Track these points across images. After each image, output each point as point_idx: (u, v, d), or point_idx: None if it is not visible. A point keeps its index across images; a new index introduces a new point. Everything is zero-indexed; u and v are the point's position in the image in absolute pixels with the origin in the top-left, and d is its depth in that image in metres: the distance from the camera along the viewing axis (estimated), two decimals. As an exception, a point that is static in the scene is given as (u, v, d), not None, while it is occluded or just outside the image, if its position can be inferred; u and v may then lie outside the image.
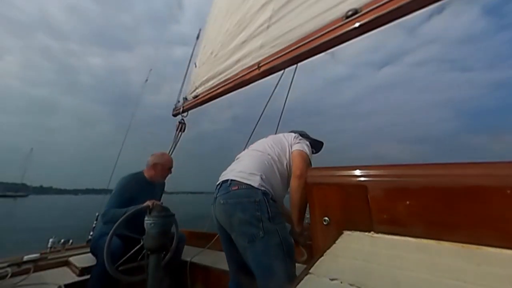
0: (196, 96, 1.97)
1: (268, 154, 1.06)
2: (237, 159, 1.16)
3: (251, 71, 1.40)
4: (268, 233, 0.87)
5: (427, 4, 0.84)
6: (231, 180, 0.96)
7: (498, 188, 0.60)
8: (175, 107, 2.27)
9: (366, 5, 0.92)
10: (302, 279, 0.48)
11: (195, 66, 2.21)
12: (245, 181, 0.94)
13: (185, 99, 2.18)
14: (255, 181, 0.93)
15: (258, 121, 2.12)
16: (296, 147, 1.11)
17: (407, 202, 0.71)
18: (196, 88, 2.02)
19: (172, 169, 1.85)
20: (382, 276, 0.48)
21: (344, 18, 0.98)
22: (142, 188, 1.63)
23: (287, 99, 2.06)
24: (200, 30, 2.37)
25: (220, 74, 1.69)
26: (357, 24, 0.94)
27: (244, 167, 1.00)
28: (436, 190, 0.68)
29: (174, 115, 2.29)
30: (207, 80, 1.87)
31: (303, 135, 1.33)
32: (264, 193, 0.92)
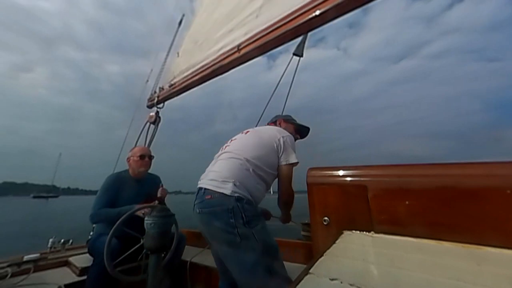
0: (172, 85, 1.88)
1: (246, 159, 1.00)
2: (214, 159, 1.12)
3: (230, 55, 1.32)
4: (245, 238, 0.87)
5: None
6: (205, 189, 0.97)
7: (498, 188, 0.60)
8: (150, 97, 2.14)
9: None
10: (302, 279, 0.48)
11: (177, 56, 2.11)
12: (218, 190, 0.93)
13: (161, 89, 2.07)
14: (227, 189, 0.92)
15: (262, 115, 2.06)
16: (283, 158, 1.06)
17: (407, 202, 0.71)
18: (174, 77, 1.92)
19: (147, 157, 1.73)
20: (382, 276, 0.48)
21: None
22: (127, 186, 1.62)
23: (289, 94, 1.95)
24: (183, 15, 2.25)
25: (200, 62, 1.59)
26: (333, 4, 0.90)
27: (217, 175, 0.98)
28: (436, 190, 0.68)
29: (149, 107, 2.17)
30: (187, 69, 1.77)
31: (288, 120, 1.30)
32: (238, 199, 0.91)
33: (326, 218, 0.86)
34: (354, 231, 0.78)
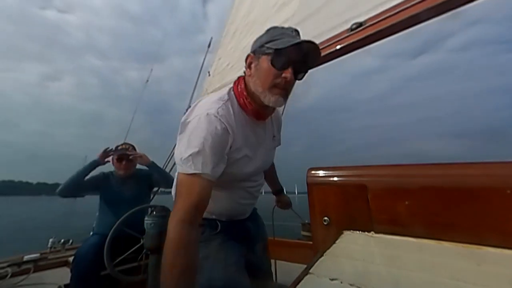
0: None
1: None
2: None
3: None
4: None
5: (427, 19, 0.88)
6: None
7: (498, 188, 0.60)
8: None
9: (370, 19, 1.00)
10: (302, 279, 0.48)
11: (209, 75, 2.31)
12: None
13: None
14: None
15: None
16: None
17: (407, 202, 0.71)
18: (208, 95, 2.17)
19: (126, 161, 1.62)
20: (382, 276, 0.48)
21: (349, 31, 1.07)
22: (110, 184, 1.61)
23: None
24: (211, 38, 2.51)
25: (232, 82, 1.88)
26: (359, 37, 1.01)
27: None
28: (436, 190, 0.68)
29: None
30: (220, 88, 2.00)
31: (255, 53, 0.67)
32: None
33: (326, 218, 0.86)
34: (354, 231, 0.78)
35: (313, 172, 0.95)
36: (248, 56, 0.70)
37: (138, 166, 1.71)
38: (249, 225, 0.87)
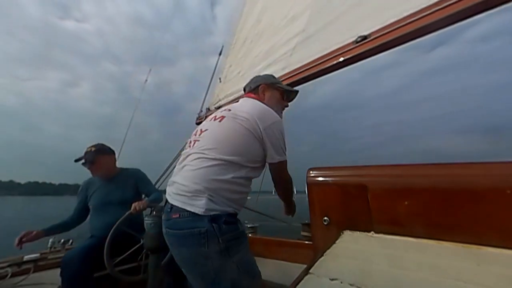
0: (218, 107, 2.18)
1: (223, 160, 0.76)
2: (181, 161, 0.86)
3: None
4: (221, 271, 0.67)
5: (429, 32, 0.91)
6: (172, 205, 0.76)
7: (498, 188, 0.60)
8: (198, 116, 2.46)
9: (374, 32, 1.07)
10: (302, 279, 0.48)
11: (220, 81, 2.43)
12: (187, 208, 0.71)
13: (208, 109, 2.38)
14: (199, 206, 0.70)
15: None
16: (271, 156, 0.83)
17: (407, 202, 0.71)
18: (220, 100, 2.23)
19: (89, 163, 1.51)
20: (382, 276, 0.48)
21: (354, 43, 1.14)
22: (96, 188, 1.61)
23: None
24: (222, 46, 2.61)
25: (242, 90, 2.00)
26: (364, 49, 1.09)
27: (185, 187, 0.75)
28: (436, 190, 0.68)
29: (198, 124, 2.45)
30: (231, 94, 2.11)
31: (273, 85, 1.04)
32: (214, 219, 0.70)
33: (326, 218, 0.86)
34: (354, 231, 0.78)
35: (313, 172, 0.95)
36: (261, 85, 1.04)
37: (126, 165, 1.73)
38: None
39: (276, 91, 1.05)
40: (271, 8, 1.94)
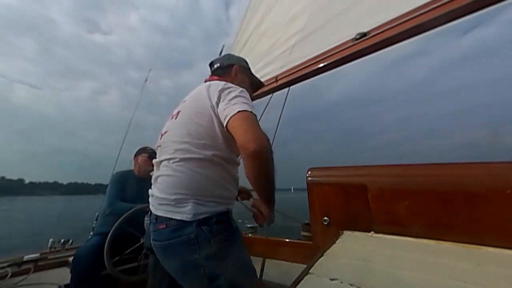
0: None
1: (191, 159, 0.68)
2: (155, 169, 0.77)
3: (269, 84, 1.63)
4: (216, 275, 0.62)
5: (429, 29, 0.91)
6: (156, 215, 0.69)
7: (498, 188, 0.60)
8: None
9: (374, 29, 1.07)
10: (302, 279, 0.48)
11: None
12: (173, 216, 0.65)
13: None
14: (186, 212, 0.64)
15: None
16: (227, 112, 0.65)
17: (407, 202, 0.71)
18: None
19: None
20: (382, 276, 0.48)
21: (353, 40, 1.14)
22: (131, 184, 1.61)
23: (281, 117, 2.25)
24: (223, 46, 2.64)
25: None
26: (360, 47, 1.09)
27: (166, 195, 0.67)
28: (436, 190, 0.68)
29: None
30: None
31: (246, 71, 0.94)
32: (202, 222, 0.63)
33: (326, 218, 0.86)
34: (354, 231, 0.78)
35: (313, 172, 0.95)
36: (235, 65, 0.93)
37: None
38: None
39: (247, 77, 0.96)
40: (274, 9, 1.97)
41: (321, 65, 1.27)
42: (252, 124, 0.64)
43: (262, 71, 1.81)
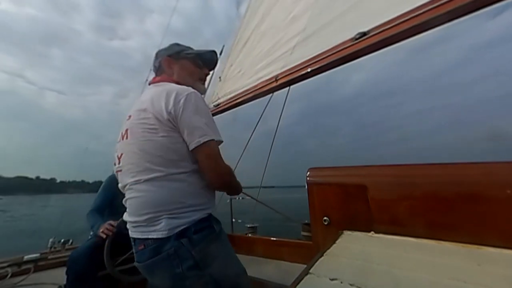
0: (217, 105, 2.22)
1: (154, 179, 0.64)
2: (124, 200, 0.74)
3: (269, 83, 1.64)
4: (204, 285, 0.61)
5: (429, 28, 0.91)
6: (133, 238, 0.68)
7: (498, 188, 0.60)
8: None
9: (373, 29, 1.08)
10: (302, 279, 0.48)
11: (219, 80, 2.48)
12: (149, 236, 0.63)
13: None
14: (161, 230, 0.62)
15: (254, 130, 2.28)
16: (189, 138, 0.65)
17: (407, 202, 0.71)
18: (219, 99, 2.29)
19: None
20: (382, 276, 0.48)
21: (353, 40, 1.15)
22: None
23: (281, 118, 2.27)
24: (223, 46, 2.66)
25: (243, 87, 2.00)
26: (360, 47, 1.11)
27: (136, 216, 0.66)
28: (436, 190, 0.68)
29: None
30: (230, 92, 2.15)
31: (179, 54, 0.84)
32: (180, 235, 0.61)
33: (326, 218, 0.86)
34: (354, 231, 0.78)
35: (313, 172, 0.95)
36: (164, 59, 0.83)
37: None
38: None
39: (185, 60, 0.84)
40: (274, 9, 1.99)
41: (320, 65, 1.28)
42: (215, 161, 0.67)
43: (263, 71, 1.82)
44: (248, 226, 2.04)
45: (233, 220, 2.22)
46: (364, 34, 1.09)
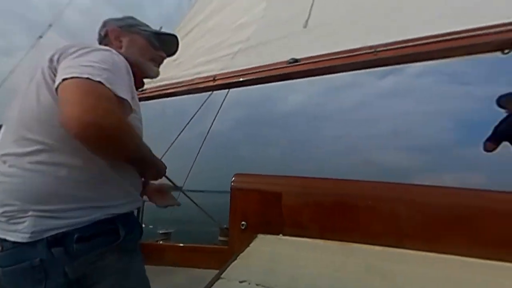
0: (142, 90, 1.98)
1: (31, 152, 0.45)
2: None
3: (206, 81, 1.61)
4: None
5: (337, 72, 1.15)
6: None
7: (364, 199, 0.82)
8: None
9: (304, 58, 1.24)
10: (213, 284, 0.48)
11: None
12: (6, 237, 0.46)
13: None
14: (22, 231, 0.44)
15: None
16: (58, 76, 0.44)
17: (311, 209, 0.86)
18: (146, 89, 2.04)
19: None
20: (284, 275, 0.54)
21: (287, 63, 1.30)
22: None
23: (214, 122, 2.25)
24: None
25: (176, 79, 1.89)
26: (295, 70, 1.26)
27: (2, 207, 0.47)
28: (333, 200, 0.87)
29: None
30: (160, 80, 1.89)
31: (132, 28, 0.69)
32: (53, 242, 0.44)
33: (243, 222, 0.90)
34: (267, 234, 0.86)
35: (238, 178, 0.98)
36: (111, 29, 0.67)
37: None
38: None
39: (138, 35, 0.69)
40: (226, 9, 2.01)
41: (257, 76, 1.39)
42: (82, 95, 0.41)
43: (202, 67, 1.82)
44: (160, 232, 1.85)
45: (143, 226, 1.96)
46: (296, 60, 1.25)
